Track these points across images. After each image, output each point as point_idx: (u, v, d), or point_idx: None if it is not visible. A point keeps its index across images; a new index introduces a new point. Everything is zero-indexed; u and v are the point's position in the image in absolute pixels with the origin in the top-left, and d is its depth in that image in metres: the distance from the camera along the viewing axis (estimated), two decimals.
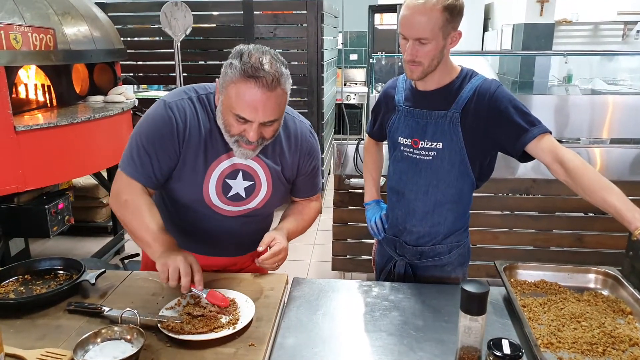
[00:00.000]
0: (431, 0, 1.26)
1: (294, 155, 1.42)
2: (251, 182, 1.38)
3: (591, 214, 2.79)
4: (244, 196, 1.38)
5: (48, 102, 2.96)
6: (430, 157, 1.42)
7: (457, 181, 1.43)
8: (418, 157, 1.44)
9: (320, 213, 1.62)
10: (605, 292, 1.34)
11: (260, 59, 1.18)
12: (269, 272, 1.39)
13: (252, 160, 1.36)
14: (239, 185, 1.36)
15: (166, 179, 1.34)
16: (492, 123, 1.35)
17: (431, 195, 1.45)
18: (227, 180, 1.35)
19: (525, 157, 1.37)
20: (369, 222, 1.67)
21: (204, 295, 1.19)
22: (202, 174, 1.32)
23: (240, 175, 1.36)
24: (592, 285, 1.38)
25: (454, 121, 1.38)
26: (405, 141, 1.46)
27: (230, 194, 1.36)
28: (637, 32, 5.69)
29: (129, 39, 4.32)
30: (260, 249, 1.29)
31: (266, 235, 1.33)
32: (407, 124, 1.46)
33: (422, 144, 1.42)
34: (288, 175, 1.44)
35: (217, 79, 1.26)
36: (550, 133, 1.33)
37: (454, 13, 1.29)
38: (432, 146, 1.41)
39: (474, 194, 1.52)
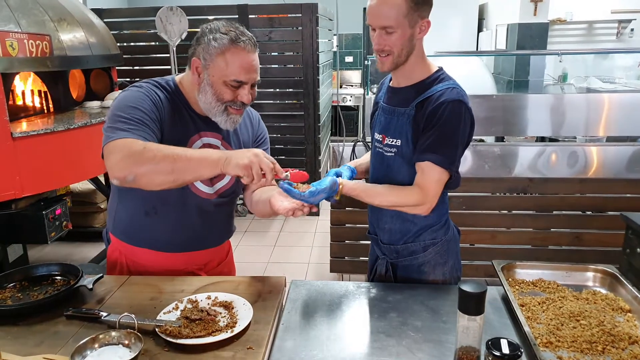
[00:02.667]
0: None
1: (250, 131, 1.55)
2: None
3: (589, 212, 2.80)
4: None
5: (45, 108, 2.95)
6: (392, 154, 1.42)
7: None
8: (385, 152, 1.44)
9: None
10: (603, 290, 1.34)
11: (237, 27, 1.32)
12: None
13: (218, 140, 1.43)
14: None
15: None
16: (421, 125, 1.34)
17: None
18: None
19: None
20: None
21: (289, 177, 1.27)
22: None
23: None
24: (590, 284, 1.38)
25: (410, 119, 1.37)
26: (378, 137, 1.47)
27: None
28: (631, 30, 5.71)
29: (125, 44, 4.32)
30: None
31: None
32: (379, 120, 1.48)
33: (387, 140, 1.43)
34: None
35: (193, 59, 1.33)
36: (442, 168, 1.31)
37: (419, 1, 1.29)
38: (393, 143, 1.41)
39: (471, 194, 1.52)
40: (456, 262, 1.52)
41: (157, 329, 1.10)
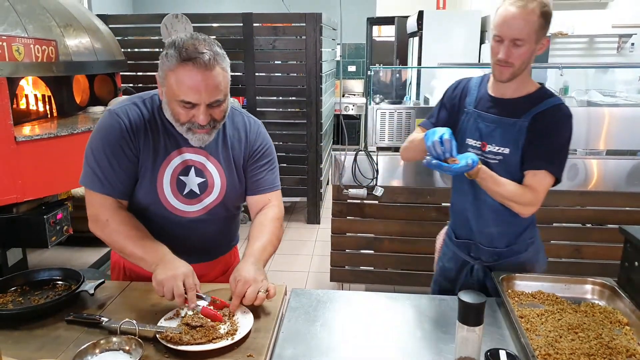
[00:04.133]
0: (531, 5, 1.33)
1: (244, 145, 1.44)
2: (203, 179, 1.38)
3: (588, 225, 2.80)
4: (198, 193, 1.38)
5: (48, 112, 2.97)
6: (497, 161, 1.46)
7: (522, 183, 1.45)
8: (488, 159, 1.47)
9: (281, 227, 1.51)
10: (602, 303, 1.35)
11: (194, 43, 1.21)
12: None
13: (202, 156, 1.38)
14: (192, 182, 1.37)
15: (134, 184, 1.35)
16: (536, 136, 1.41)
17: None
18: (181, 177, 1.36)
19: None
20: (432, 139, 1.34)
21: (199, 310, 1.19)
22: (154, 173, 1.34)
23: (192, 171, 1.37)
24: (589, 296, 1.38)
25: (522, 130, 1.42)
26: (475, 143, 1.50)
27: (185, 191, 1.37)
28: (632, 44, 5.75)
29: (129, 50, 4.35)
30: (232, 309, 1.22)
31: (231, 279, 1.27)
32: (477, 126, 1.50)
33: (489, 147, 1.47)
34: (240, 168, 1.44)
35: (156, 75, 1.29)
36: (554, 177, 1.40)
37: (548, 19, 1.36)
38: (499, 151, 1.45)
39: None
40: (544, 257, 1.63)
41: (157, 335, 1.10)
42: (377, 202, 2.88)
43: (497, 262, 1.56)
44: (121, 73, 3.43)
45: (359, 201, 2.88)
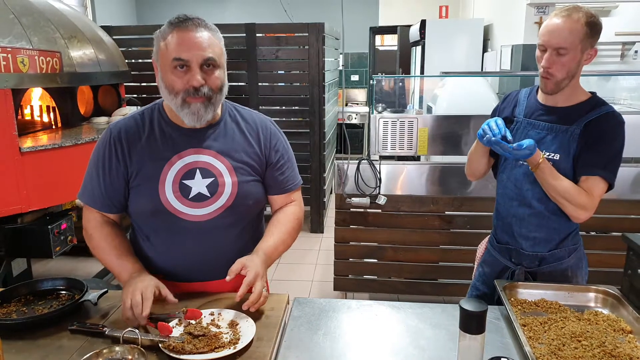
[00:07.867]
0: (576, 14, 1.36)
1: (256, 142, 1.41)
2: (212, 179, 1.33)
3: (592, 233, 2.79)
4: (208, 194, 1.33)
5: (53, 123, 3.00)
6: None
7: None
8: None
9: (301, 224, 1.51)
10: (605, 311, 1.34)
11: (186, 15, 1.27)
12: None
13: (207, 155, 1.34)
14: (199, 184, 1.32)
15: (124, 198, 1.36)
16: (589, 142, 1.42)
17: (547, 202, 1.48)
18: (185, 182, 1.32)
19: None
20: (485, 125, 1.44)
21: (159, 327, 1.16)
22: (155, 178, 1.32)
23: (197, 173, 1.33)
24: (592, 304, 1.38)
25: (574, 137, 1.44)
26: None
27: (192, 195, 1.32)
28: (635, 52, 5.75)
29: (133, 60, 4.39)
30: (227, 278, 1.22)
31: (236, 262, 1.26)
32: (527, 134, 1.51)
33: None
34: (253, 164, 1.39)
35: (152, 61, 1.33)
36: (608, 183, 1.42)
37: (594, 29, 1.37)
38: (550, 157, 1.46)
39: (476, 213, 1.53)
40: (587, 265, 1.62)
41: (160, 345, 1.10)
42: (380, 210, 2.88)
43: (539, 268, 1.55)
44: (125, 84, 3.47)
45: (362, 210, 2.89)
